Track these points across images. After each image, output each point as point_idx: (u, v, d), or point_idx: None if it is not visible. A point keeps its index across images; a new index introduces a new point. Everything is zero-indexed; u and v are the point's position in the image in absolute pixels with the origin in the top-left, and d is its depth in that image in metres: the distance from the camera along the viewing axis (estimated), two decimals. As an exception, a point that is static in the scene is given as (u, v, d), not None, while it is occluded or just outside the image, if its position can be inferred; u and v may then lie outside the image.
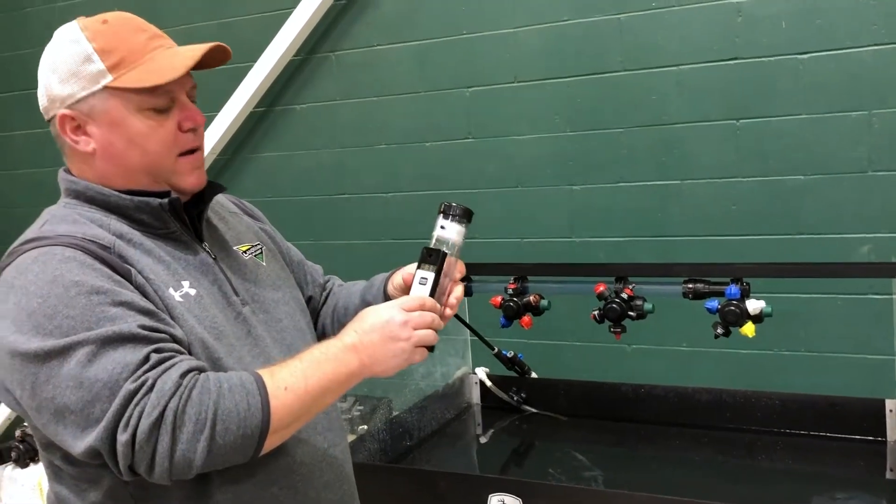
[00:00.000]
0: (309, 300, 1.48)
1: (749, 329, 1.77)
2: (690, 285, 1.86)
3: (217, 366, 1.12)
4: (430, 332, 1.17)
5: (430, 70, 3.23)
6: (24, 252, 1.10)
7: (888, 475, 1.82)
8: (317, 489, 1.23)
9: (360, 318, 1.17)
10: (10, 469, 2.49)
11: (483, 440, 2.24)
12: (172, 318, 1.11)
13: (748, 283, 1.82)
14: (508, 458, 2.16)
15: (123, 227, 1.16)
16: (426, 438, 2.13)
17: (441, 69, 3.21)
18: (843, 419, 1.93)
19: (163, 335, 1.05)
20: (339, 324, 1.45)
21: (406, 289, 1.27)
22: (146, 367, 1.00)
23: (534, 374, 2.33)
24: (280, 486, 1.18)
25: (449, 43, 3.19)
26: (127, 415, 0.97)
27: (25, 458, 2.45)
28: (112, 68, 1.14)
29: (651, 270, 2.08)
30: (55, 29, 1.24)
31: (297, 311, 1.35)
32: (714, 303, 1.82)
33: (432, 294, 1.22)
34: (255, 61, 3.41)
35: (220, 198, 1.39)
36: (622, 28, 2.89)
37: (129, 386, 0.98)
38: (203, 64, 1.20)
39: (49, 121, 1.20)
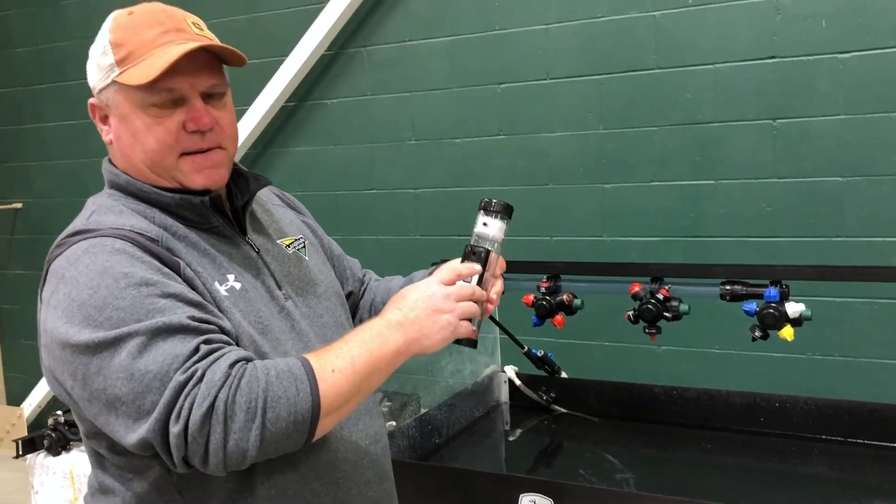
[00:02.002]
0: (349, 295, 1.47)
1: (788, 333, 1.74)
2: (728, 287, 1.83)
3: (264, 359, 1.11)
4: (472, 304, 1.16)
5: (461, 66, 3.22)
6: (75, 243, 1.10)
7: (927, 484, 1.78)
8: (358, 486, 1.22)
9: (401, 297, 1.16)
10: (42, 457, 2.52)
11: (511, 439, 2.22)
12: (220, 310, 1.11)
13: (787, 286, 1.79)
14: (537, 457, 2.15)
15: (168, 220, 1.16)
16: (455, 436, 2.12)
17: (473, 65, 3.20)
18: (883, 426, 1.89)
19: (212, 326, 1.05)
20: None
21: None
22: (196, 357, 0.99)
23: (564, 374, 2.31)
24: (322, 481, 1.17)
25: (481, 39, 3.17)
26: (178, 406, 0.97)
27: (57, 447, 2.48)
28: (119, 62, 1.14)
29: (689, 271, 2.05)
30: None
31: (338, 306, 1.34)
32: (752, 305, 1.79)
33: None
34: (286, 56, 3.42)
35: (265, 190, 1.38)
36: (657, 25, 2.86)
37: (179, 377, 0.97)
38: (226, 61, 1.19)
39: None
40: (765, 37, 2.70)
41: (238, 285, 1.16)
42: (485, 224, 1.23)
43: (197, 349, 1.00)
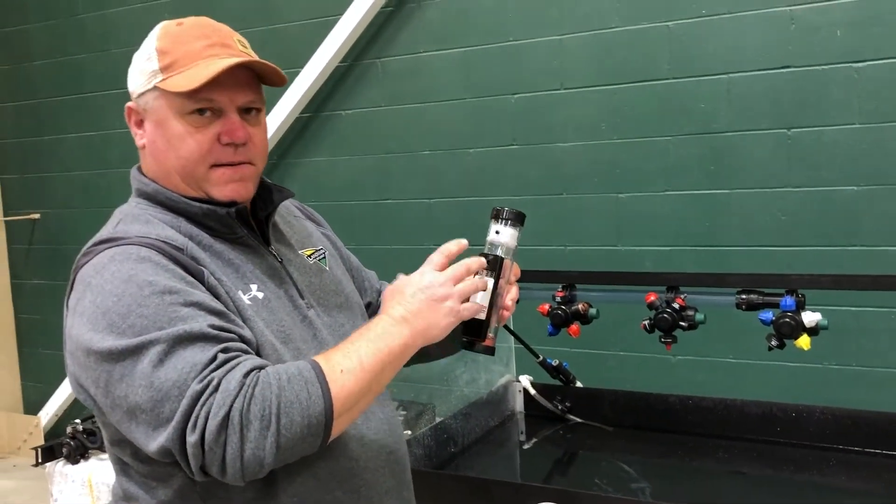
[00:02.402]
0: (367, 306, 1.48)
1: (804, 342, 1.74)
2: (744, 296, 1.83)
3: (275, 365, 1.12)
4: (470, 280, 1.16)
5: (475, 77, 3.24)
6: (101, 251, 1.12)
7: (946, 495, 1.77)
8: (379, 494, 1.23)
9: (398, 290, 1.16)
10: (61, 465, 2.54)
11: (526, 448, 2.22)
12: (243, 319, 1.12)
13: (804, 295, 1.79)
14: (553, 466, 2.15)
15: (193, 230, 1.18)
16: (470, 445, 2.12)
17: (486, 76, 3.21)
18: (901, 436, 1.88)
19: (231, 335, 1.06)
20: None
21: None
22: (213, 366, 1.00)
23: (578, 384, 2.31)
24: (344, 489, 1.18)
25: (495, 50, 3.19)
26: (194, 415, 0.98)
27: (76, 455, 2.50)
28: (164, 69, 1.16)
29: (704, 280, 2.05)
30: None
31: (359, 317, 1.35)
32: (768, 314, 1.79)
33: (492, 298, 1.21)
34: (301, 67, 3.45)
35: (286, 202, 1.40)
36: (671, 35, 2.87)
37: (195, 386, 0.98)
38: (263, 79, 1.21)
39: None
40: (779, 46, 2.71)
41: (261, 294, 1.17)
42: (497, 232, 1.24)
43: (214, 358, 1.01)
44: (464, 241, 1.20)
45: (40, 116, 4.45)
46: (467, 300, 1.17)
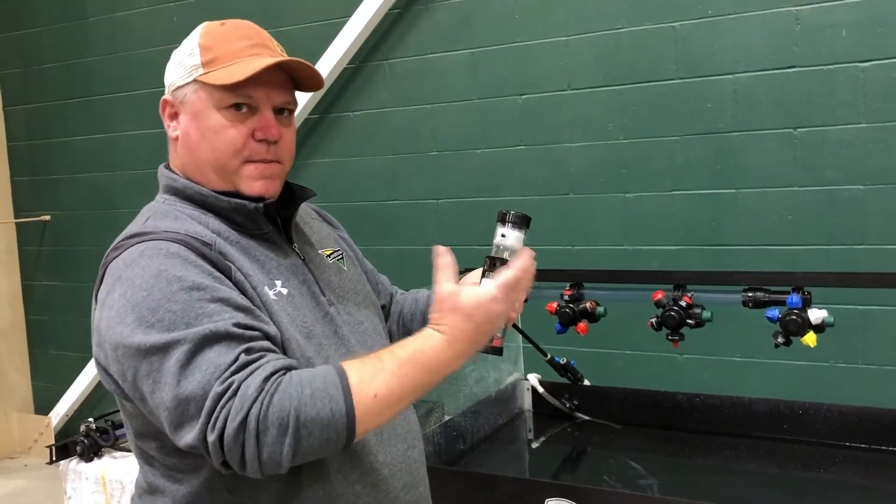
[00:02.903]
0: (381, 308, 1.49)
1: (811, 339, 1.75)
2: (750, 294, 1.84)
3: (308, 364, 1.14)
4: (519, 300, 1.19)
5: (482, 78, 3.26)
6: (132, 245, 1.14)
7: (953, 491, 1.79)
8: (397, 489, 1.25)
9: (457, 309, 1.09)
10: (74, 463, 2.57)
11: (535, 445, 2.24)
12: (269, 314, 1.14)
13: (810, 293, 1.80)
14: (561, 464, 2.17)
15: (221, 226, 1.21)
16: (479, 443, 2.14)
17: (494, 77, 3.23)
18: (908, 433, 1.89)
19: (256, 333, 1.07)
20: (405, 329, 1.48)
21: None
22: (234, 368, 1.02)
23: (586, 382, 2.33)
24: (363, 483, 1.20)
25: (502, 51, 3.21)
26: (214, 417, 1.00)
27: (90, 453, 2.53)
28: (205, 64, 1.20)
29: (711, 278, 2.07)
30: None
31: (375, 315, 1.38)
32: (775, 312, 1.80)
33: None
34: (310, 69, 3.48)
35: (303, 204, 1.43)
36: (677, 36, 2.88)
37: (217, 388, 1.00)
38: (298, 83, 1.25)
39: None
40: (785, 46, 2.72)
41: (285, 291, 1.19)
42: (503, 235, 1.26)
43: (237, 358, 1.03)
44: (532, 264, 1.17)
45: (50, 119, 4.48)
46: (500, 351, 1.21)
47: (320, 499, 1.16)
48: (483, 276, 1.25)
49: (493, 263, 1.24)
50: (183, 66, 1.22)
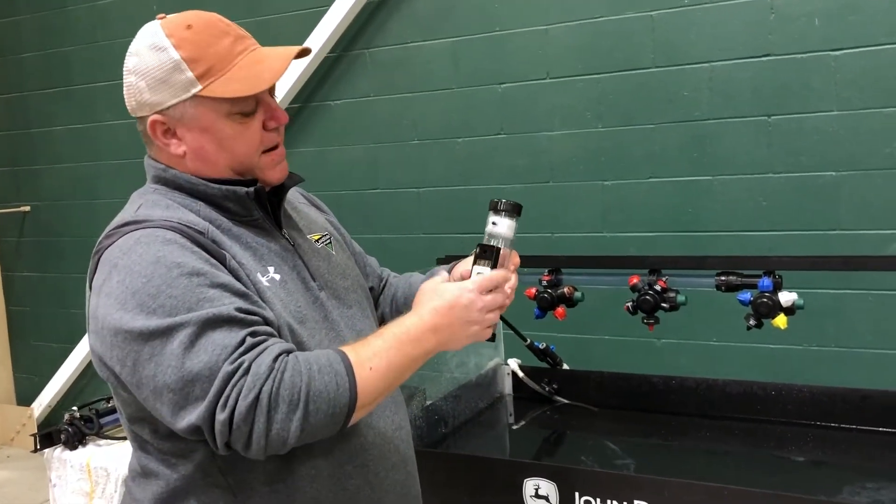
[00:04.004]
0: (370, 290, 1.52)
1: (781, 321, 1.80)
2: (723, 278, 1.88)
3: (301, 348, 1.17)
4: (497, 314, 1.23)
5: (462, 66, 3.28)
6: (126, 233, 1.14)
7: (919, 467, 1.84)
8: (385, 469, 1.28)
9: (439, 296, 1.20)
10: (59, 451, 2.58)
11: (515, 428, 2.28)
12: (263, 300, 1.16)
13: (780, 276, 1.84)
14: (540, 446, 2.21)
15: (213, 214, 1.21)
16: (460, 426, 2.18)
17: (474, 66, 3.26)
18: (874, 411, 1.94)
19: (256, 318, 1.10)
20: (398, 312, 1.49)
21: None
22: (242, 349, 1.04)
23: (565, 366, 2.37)
24: (353, 464, 1.23)
25: (482, 39, 3.23)
26: (225, 395, 1.02)
27: (74, 441, 2.53)
28: (201, 77, 1.16)
29: (684, 263, 2.11)
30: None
31: (364, 299, 1.40)
32: (747, 295, 1.84)
33: None
34: (291, 58, 3.48)
35: (292, 190, 1.44)
36: (654, 25, 2.92)
37: (227, 368, 1.02)
38: None
39: (137, 118, 1.23)
40: (759, 35, 2.76)
41: (277, 277, 1.21)
42: (494, 223, 1.28)
43: (243, 341, 1.05)
44: (513, 281, 1.27)
45: (30, 108, 4.45)
46: (492, 337, 1.25)
47: (312, 479, 1.18)
48: (474, 263, 1.27)
49: (485, 251, 1.26)
50: (169, 83, 1.16)
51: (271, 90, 1.25)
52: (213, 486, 1.16)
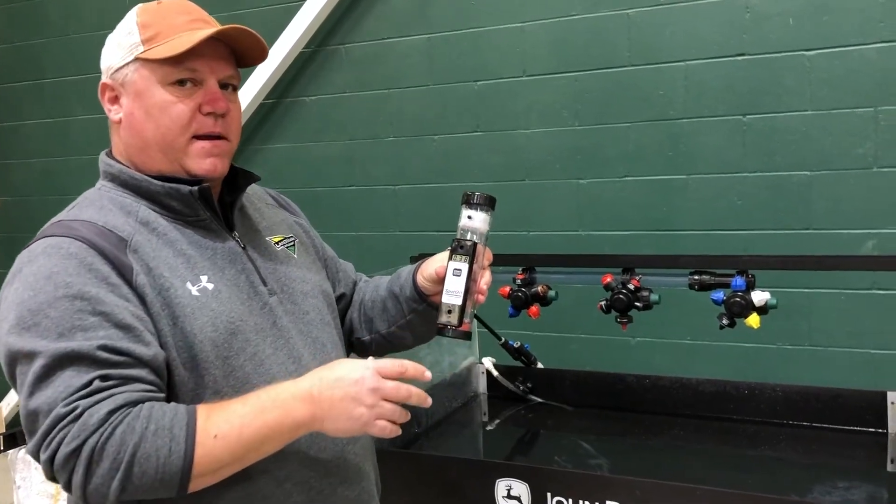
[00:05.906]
0: (341, 297, 1.47)
1: (754, 320, 1.80)
2: (696, 277, 1.88)
3: (227, 364, 1.13)
4: (397, 408, 1.10)
5: (439, 63, 3.26)
6: (45, 236, 1.14)
7: (889, 466, 1.85)
8: (332, 486, 1.22)
9: (330, 366, 1.11)
10: (23, 452, 2.53)
11: (489, 428, 2.27)
12: (180, 316, 1.11)
13: (753, 276, 1.84)
14: (514, 445, 2.20)
15: (151, 215, 1.18)
16: (434, 426, 2.16)
17: (450, 62, 3.24)
18: (846, 411, 1.95)
19: (122, 358, 1.04)
20: (366, 317, 1.46)
21: (440, 281, 1.26)
22: (83, 392, 1.01)
23: (539, 365, 2.36)
24: (294, 482, 1.17)
25: (458, 36, 3.21)
26: (50, 437, 1.00)
27: (40, 442, 2.49)
28: (146, 41, 1.18)
29: (658, 262, 2.11)
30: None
31: (325, 305, 1.34)
32: (720, 294, 1.84)
33: (467, 284, 1.22)
34: (265, 53, 3.44)
35: (258, 189, 1.40)
36: (630, 23, 2.91)
37: (60, 409, 1.00)
38: (241, 58, 1.24)
39: None
40: (734, 35, 2.77)
41: (211, 286, 1.16)
42: (469, 217, 1.25)
43: (89, 384, 1.01)
44: (427, 375, 1.15)
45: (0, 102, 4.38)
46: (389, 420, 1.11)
47: (243, 500, 1.13)
48: (450, 258, 1.24)
49: (461, 246, 1.23)
50: (121, 46, 1.20)
51: (227, 83, 1.23)
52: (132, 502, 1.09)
